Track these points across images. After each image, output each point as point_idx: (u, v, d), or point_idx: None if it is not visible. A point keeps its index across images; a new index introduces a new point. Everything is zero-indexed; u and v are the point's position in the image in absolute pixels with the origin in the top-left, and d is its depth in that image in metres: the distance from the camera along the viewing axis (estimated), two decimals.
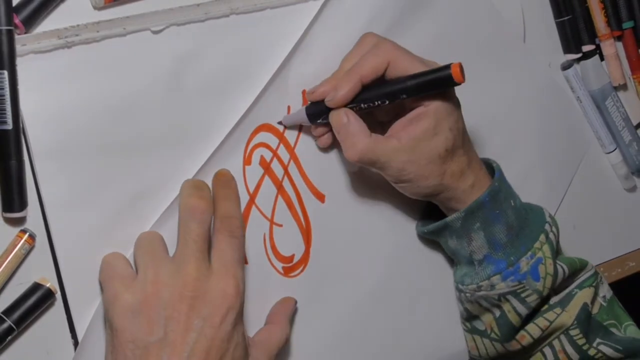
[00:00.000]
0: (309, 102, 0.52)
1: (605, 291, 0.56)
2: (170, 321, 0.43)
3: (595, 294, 0.55)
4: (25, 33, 0.46)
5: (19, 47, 0.45)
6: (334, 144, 0.54)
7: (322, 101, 0.51)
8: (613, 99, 0.65)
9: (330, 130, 0.52)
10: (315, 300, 0.54)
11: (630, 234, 0.67)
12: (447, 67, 0.48)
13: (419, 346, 0.57)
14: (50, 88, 0.46)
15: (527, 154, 0.62)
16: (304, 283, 0.53)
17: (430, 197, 0.53)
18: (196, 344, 0.43)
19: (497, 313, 0.53)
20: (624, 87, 0.66)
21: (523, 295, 0.52)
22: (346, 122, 0.50)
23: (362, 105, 0.50)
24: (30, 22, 0.46)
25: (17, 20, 0.45)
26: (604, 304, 0.56)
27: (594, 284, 0.55)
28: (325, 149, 0.54)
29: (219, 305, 0.44)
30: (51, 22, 0.47)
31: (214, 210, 0.47)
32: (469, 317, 0.56)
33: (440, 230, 0.54)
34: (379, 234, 0.56)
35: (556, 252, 0.54)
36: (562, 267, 0.53)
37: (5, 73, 0.44)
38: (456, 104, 0.51)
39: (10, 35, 0.45)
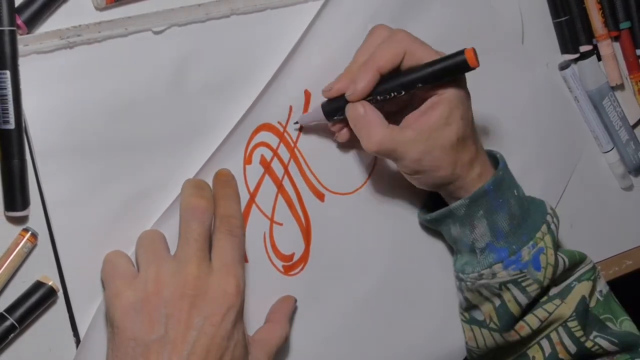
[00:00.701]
0: (325, 100, 0.52)
1: (602, 286, 0.57)
2: (171, 319, 0.43)
3: (594, 288, 0.56)
4: (28, 33, 0.46)
5: (21, 48, 0.45)
6: (349, 141, 0.54)
7: (338, 97, 0.51)
8: (610, 98, 0.65)
9: (348, 125, 0.52)
10: (315, 299, 0.54)
11: (628, 233, 0.67)
12: (461, 52, 0.48)
13: (418, 344, 0.57)
14: (52, 88, 0.47)
15: (524, 153, 0.62)
16: (303, 281, 0.53)
17: (440, 188, 0.53)
18: (197, 342, 0.43)
19: (497, 302, 0.54)
20: (621, 87, 0.66)
21: (524, 284, 0.53)
22: (363, 114, 0.50)
23: (379, 97, 0.50)
24: (32, 22, 0.46)
25: (19, 21, 0.45)
26: (601, 298, 0.56)
27: (592, 278, 0.55)
28: (328, 149, 0.55)
29: (219, 303, 0.44)
30: (53, 23, 0.47)
31: (215, 210, 0.47)
32: (468, 307, 0.56)
33: (444, 218, 0.54)
34: (378, 233, 0.56)
35: (557, 243, 0.54)
36: (562, 258, 0.54)
37: (8, 73, 0.45)
38: (467, 93, 0.52)
39: (12, 35, 0.45)
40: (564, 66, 0.65)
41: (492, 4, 0.60)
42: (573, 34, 0.64)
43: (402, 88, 0.50)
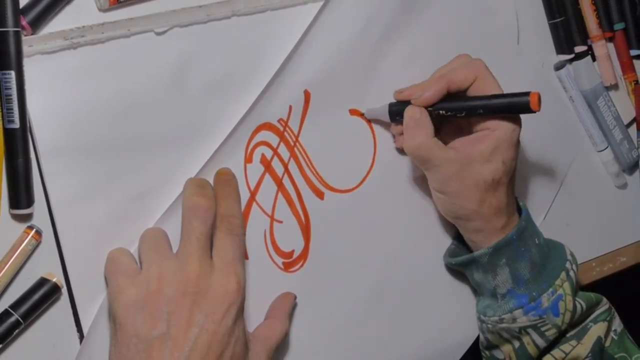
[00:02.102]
0: (394, 101, 0.54)
1: (617, 325, 0.58)
2: (173, 316, 0.44)
3: (609, 328, 0.57)
4: (32, 34, 0.46)
5: (25, 48, 0.46)
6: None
7: (405, 102, 0.53)
8: (604, 98, 0.66)
9: None
10: (314, 295, 0.54)
11: (622, 230, 0.67)
12: (526, 94, 0.50)
13: (417, 340, 0.58)
14: (56, 88, 0.47)
15: (520, 152, 0.61)
16: (303, 278, 0.54)
17: (461, 221, 0.54)
18: (198, 339, 0.44)
19: (517, 344, 0.55)
20: (615, 87, 0.66)
21: (543, 329, 0.54)
22: (418, 117, 0.52)
23: (441, 111, 0.52)
24: (37, 23, 0.46)
25: (24, 22, 0.46)
26: (615, 337, 0.57)
27: (607, 319, 0.57)
28: (327, 148, 0.55)
29: (220, 301, 0.45)
30: (57, 24, 0.47)
31: (216, 209, 0.48)
32: (488, 347, 0.58)
33: (468, 264, 0.56)
34: (376, 230, 0.57)
35: (576, 289, 0.56)
36: (580, 303, 0.55)
37: (13, 73, 0.45)
38: (517, 142, 0.53)
39: (17, 36, 0.45)
40: (559, 66, 0.65)
41: (489, 5, 0.61)
42: (568, 35, 0.64)
43: (464, 110, 0.52)
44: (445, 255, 0.59)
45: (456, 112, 0.52)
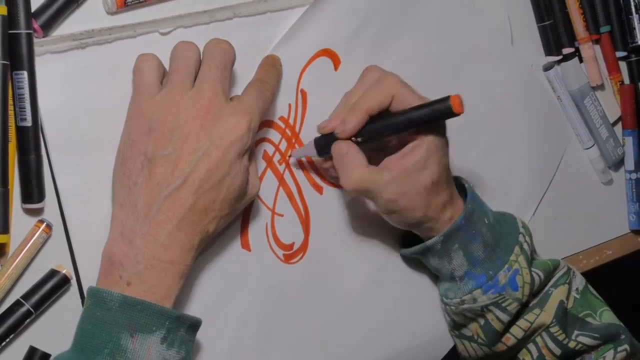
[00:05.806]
0: (319, 135, 0.53)
1: (578, 284, 0.58)
2: (180, 139, 0.45)
3: (570, 289, 0.57)
4: (44, 37, 0.48)
5: (36, 49, 0.47)
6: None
7: (329, 135, 0.52)
8: (591, 98, 0.67)
9: None
10: (313, 286, 0.55)
11: (607, 224, 0.69)
12: (446, 99, 0.49)
13: (415, 328, 0.59)
14: (65, 86, 0.48)
15: (511, 150, 0.64)
16: (303, 269, 0.55)
17: (412, 227, 0.54)
18: (199, 161, 0.45)
19: (482, 322, 0.56)
20: (601, 87, 0.68)
21: (504, 304, 0.54)
22: (345, 153, 0.51)
23: (367, 137, 0.52)
24: (48, 26, 0.48)
25: (35, 25, 0.47)
26: (577, 296, 0.58)
27: (567, 281, 0.57)
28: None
29: (228, 131, 0.46)
30: (67, 27, 0.48)
31: (254, 75, 0.50)
32: (455, 327, 0.58)
33: (422, 253, 0.56)
34: (373, 224, 0.57)
35: (531, 260, 0.56)
36: (537, 274, 0.56)
37: (25, 73, 0.46)
38: (446, 140, 0.53)
39: (29, 38, 0.46)
40: (547, 67, 0.66)
41: (481, 9, 0.62)
42: (556, 37, 0.66)
43: (390, 130, 0.51)
44: (401, 247, 0.58)
45: (382, 133, 0.52)
